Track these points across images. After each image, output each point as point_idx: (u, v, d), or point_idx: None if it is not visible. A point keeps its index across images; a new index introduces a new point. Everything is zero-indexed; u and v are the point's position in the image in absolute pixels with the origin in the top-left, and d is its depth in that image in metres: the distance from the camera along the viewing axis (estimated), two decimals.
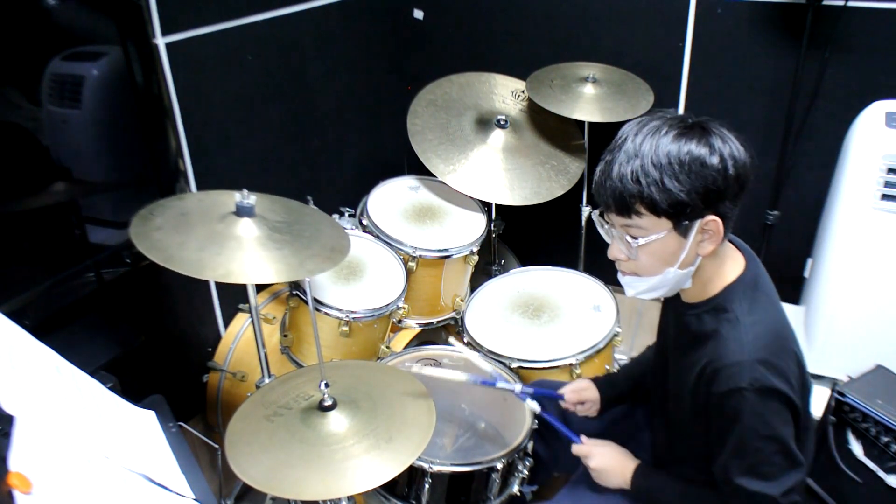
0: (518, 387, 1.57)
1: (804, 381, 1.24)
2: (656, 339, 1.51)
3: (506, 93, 2.37)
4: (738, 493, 1.19)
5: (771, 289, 1.26)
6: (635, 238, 1.17)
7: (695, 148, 1.10)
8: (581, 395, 1.59)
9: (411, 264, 2.02)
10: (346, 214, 2.22)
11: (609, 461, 1.43)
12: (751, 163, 1.14)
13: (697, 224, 1.14)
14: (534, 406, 1.53)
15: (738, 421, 1.15)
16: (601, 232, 1.26)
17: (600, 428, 1.64)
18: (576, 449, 1.47)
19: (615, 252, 1.23)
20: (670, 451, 1.44)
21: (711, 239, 1.16)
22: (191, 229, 1.37)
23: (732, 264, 1.24)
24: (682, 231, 1.15)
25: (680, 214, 1.13)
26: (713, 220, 1.13)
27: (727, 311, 1.20)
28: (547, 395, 1.63)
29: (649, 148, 1.11)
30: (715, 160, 1.10)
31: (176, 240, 1.33)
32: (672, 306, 1.35)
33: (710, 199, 1.12)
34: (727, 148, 1.11)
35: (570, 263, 2.29)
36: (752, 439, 1.15)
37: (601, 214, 1.24)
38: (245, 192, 1.43)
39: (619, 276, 1.27)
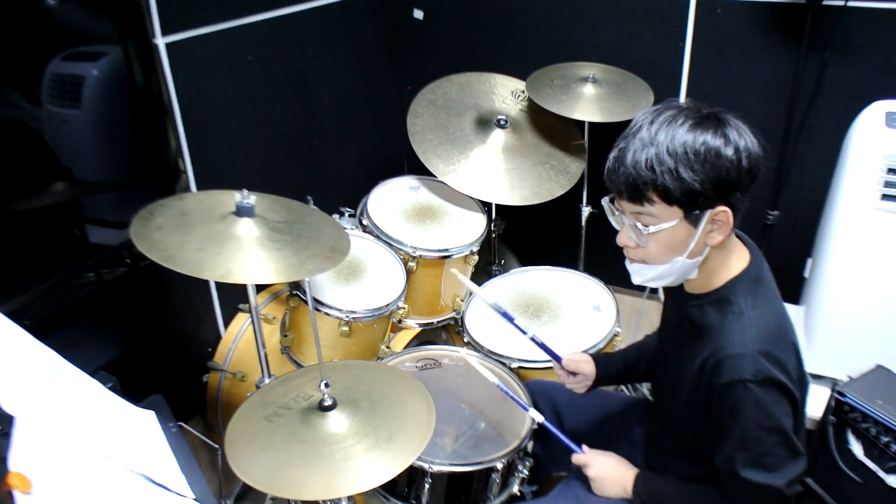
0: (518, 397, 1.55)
1: (802, 375, 1.25)
2: (658, 331, 1.51)
3: (506, 93, 2.37)
4: (744, 485, 1.20)
5: (773, 284, 1.27)
6: (646, 226, 1.18)
7: (710, 139, 1.11)
8: (578, 366, 1.57)
9: (411, 264, 2.02)
10: (346, 214, 2.22)
11: (608, 470, 1.43)
12: (763, 155, 1.15)
13: (708, 214, 1.15)
14: (536, 416, 1.52)
15: (741, 412, 1.16)
16: (611, 219, 1.26)
17: (592, 424, 1.65)
18: (576, 458, 1.47)
19: (624, 239, 1.24)
20: (660, 442, 1.45)
21: (721, 229, 1.17)
22: (191, 229, 1.37)
23: (738, 258, 1.25)
24: (693, 220, 1.15)
25: (692, 204, 1.13)
26: (723, 211, 1.14)
27: (731, 303, 1.21)
28: (548, 351, 1.59)
29: (665, 137, 1.12)
30: (729, 151, 1.11)
31: (176, 240, 1.33)
32: (674, 296, 1.36)
33: (723, 190, 1.12)
34: (742, 140, 1.12)
35: (570, 263, 2.29)
36: (755, 431, 1.16)
37: (611, 201, 1.24)
38: (245, 192, 1.44)
39: (627, 263, 1.27)
